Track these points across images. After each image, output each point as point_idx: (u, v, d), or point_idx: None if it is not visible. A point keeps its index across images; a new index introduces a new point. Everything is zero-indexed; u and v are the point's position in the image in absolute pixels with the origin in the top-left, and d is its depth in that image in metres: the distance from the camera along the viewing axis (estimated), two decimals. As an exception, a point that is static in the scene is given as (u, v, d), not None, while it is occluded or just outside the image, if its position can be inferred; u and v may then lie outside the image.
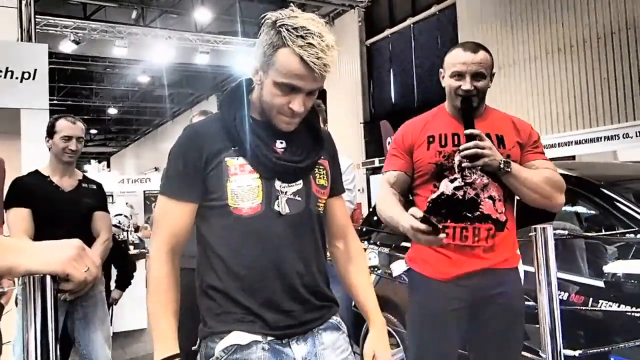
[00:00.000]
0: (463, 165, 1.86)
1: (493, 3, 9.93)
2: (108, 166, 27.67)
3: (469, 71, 1.89)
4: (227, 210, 1.31)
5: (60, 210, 2.63)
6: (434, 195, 1.85)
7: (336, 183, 1.51)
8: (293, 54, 1.22)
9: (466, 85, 1.89)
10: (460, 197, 1.87)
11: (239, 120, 1.35)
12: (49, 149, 2.75)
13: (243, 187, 1.31)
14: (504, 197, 1.91)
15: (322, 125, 1.52)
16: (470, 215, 1.86)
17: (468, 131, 1.83)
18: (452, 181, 1.89)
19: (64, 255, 0.85)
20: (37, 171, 2.77)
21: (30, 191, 2.65)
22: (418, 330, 1.98)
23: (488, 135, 1.90)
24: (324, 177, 1.43)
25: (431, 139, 1.95)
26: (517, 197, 2.00)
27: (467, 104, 1.89)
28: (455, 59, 1.92)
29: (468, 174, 1.88)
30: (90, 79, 17.89)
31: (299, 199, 1.36)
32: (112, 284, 4.41)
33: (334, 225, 1.53)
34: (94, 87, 18.54)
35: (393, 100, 13.19)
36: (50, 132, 2.73)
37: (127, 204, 11.73)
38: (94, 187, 2.88)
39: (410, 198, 2.06)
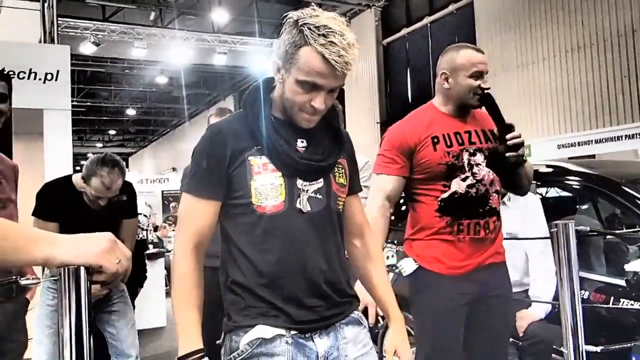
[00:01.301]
0: (508, 155, 1.95)
1: (511, 1, 9.84)
2: (127, 166, 27.97)
3: (485, 70, 2.01)
4: (251, 208, 1.33)
5: (88, 228, 2.62)
6: (445, 195, 1.95)
7: (354, 182, 1.53)
8: (315, 52, 1.25)
9: (486, 83, 2.00)
10: (474, 195, 1.96)
11: (262, 119, 1.37)
12: (84, 180, 2.61)
13: (266, 186, 1.33)
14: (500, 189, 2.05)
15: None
16: (482, 210, 1.96)
17: (509, 122, 1.95)
18: (464, 180, 1.95)
19: (97, 248, 0.88)
20: (70, 181, 2.69)
21: (59, 205, 2.61)
22: (432, 328, 2.01)
23: (483, 132, 2.04)
24: (343, 175, 1.46)
25: (435, 140, 1.98)
26: None
27: (491, 98, 1.99)
28: (474, 59, 2.00)
29: (477, 171, 1.97)
30: (109, 80, 18.10)
31: (320, 197, 1.38)
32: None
33: (351, 223, 1.55)
34: (112, 89, 18.76)
35: (410, 100, 13.15)
36: (86, 177, 2.59)
37: (145, 203, 11.87)
38: (125, 198, 2.81)
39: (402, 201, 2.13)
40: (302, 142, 1.39)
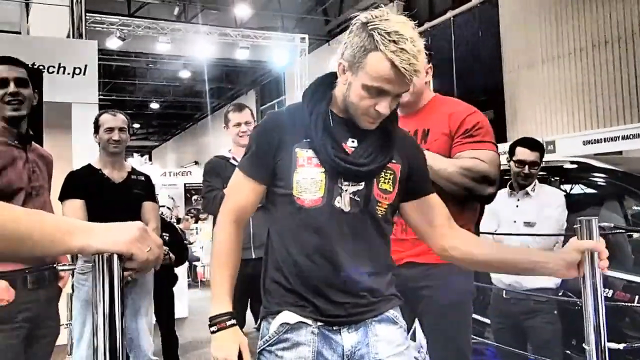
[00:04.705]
0: None
1: (537, -5, 9.70)
2: (150, 159, 28.33)
3: None
4: (292, 199, 1.37)
5: (112, 201, 2.75)
6: None
7: (416, 185, 1.47)
8: (385, 58, 1.24)
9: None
10: None
11: (317, 114, 1.38)
12: (98, 144, 2.92)
13: (307, 179, 1.36)
14: None
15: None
16: None
17: None
18: None
19: (129, 236, 0.91)
20: (89, 165, 2.92)
21: (83, 183, 2.80)
22: None
23: (415, 132, 1.98)
24: (389, 181, 1.42)
25: None
26: None
27: None
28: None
29: None
30: (133, 74, 18.33)
31: (358, 199, 1.38)
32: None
33: (434, 228, 1.45)
34: (137, 83, 18.99)
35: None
36: (96, 127, 2.91)
37: (168, 196, 11.99)
38: (142, 178, 3.01)
39: None
40: (353, 141, 1.39)
